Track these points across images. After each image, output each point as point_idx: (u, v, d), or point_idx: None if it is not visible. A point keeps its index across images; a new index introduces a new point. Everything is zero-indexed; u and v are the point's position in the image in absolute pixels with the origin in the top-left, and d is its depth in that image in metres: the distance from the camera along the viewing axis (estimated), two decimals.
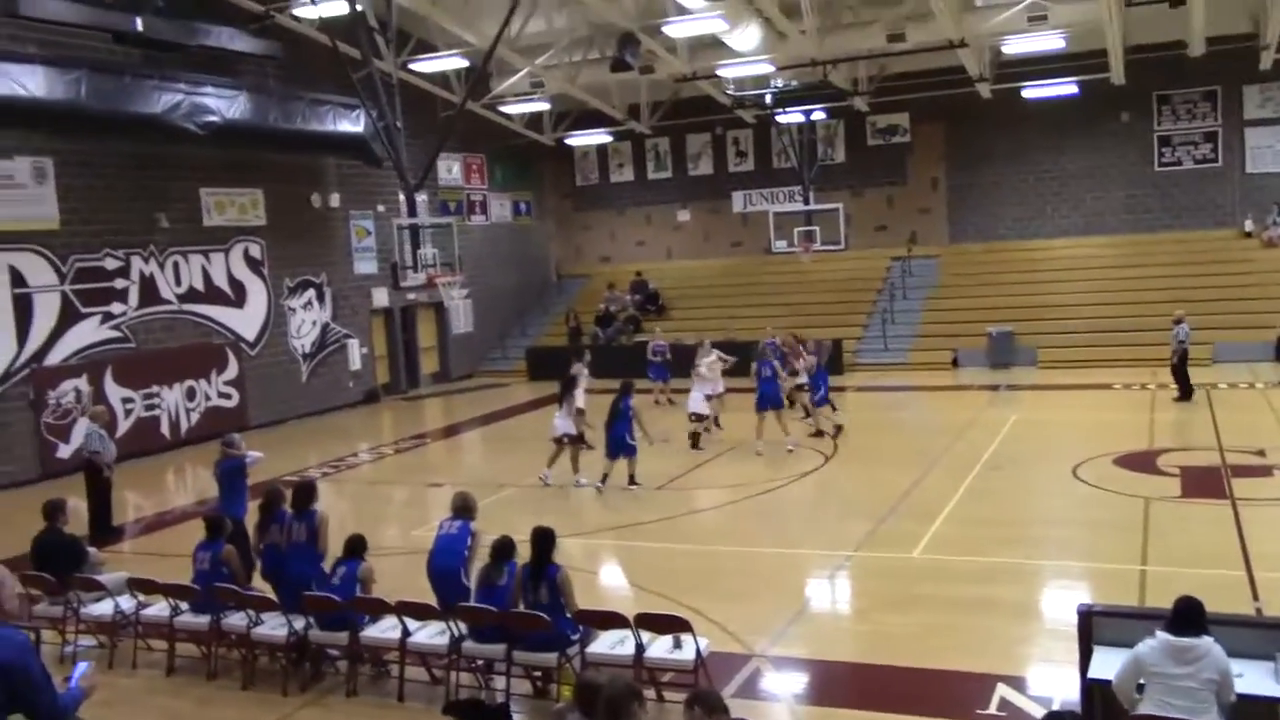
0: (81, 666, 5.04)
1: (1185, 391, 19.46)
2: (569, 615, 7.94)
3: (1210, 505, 12.57)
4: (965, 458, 15.80)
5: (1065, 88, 26.50)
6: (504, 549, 8.29)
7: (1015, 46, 24.57)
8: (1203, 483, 13.59)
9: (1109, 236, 28.21)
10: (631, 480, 14.89)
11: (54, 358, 18.74)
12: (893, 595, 10.23)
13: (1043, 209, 29.13)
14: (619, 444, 14.82)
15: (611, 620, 7.91)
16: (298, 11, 20.99)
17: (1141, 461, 14.97)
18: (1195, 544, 11.11)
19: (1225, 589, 9.28)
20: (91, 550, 10.64)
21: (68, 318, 19.01)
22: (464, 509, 9.23)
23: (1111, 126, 28.11)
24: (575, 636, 7.95)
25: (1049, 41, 23.34)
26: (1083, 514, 12.74)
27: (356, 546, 8.94)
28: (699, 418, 17.55)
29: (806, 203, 28.76)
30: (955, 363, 25.60)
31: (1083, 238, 28.51)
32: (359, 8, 20.44)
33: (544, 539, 8.13)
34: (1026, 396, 21.75)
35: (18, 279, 18.17)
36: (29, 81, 16.48)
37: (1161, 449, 15.80)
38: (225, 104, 19.75)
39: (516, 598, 8.02)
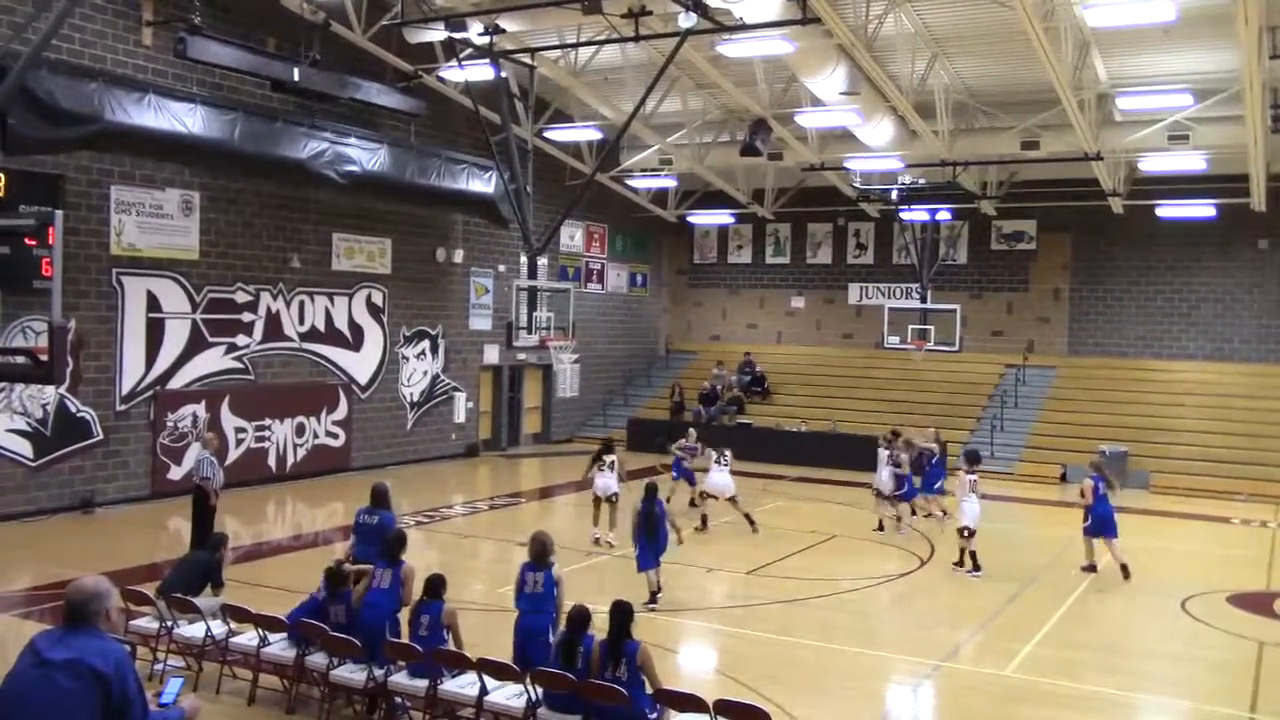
0: (174, 683, 5.10)
1: None
2: (649, 693, 7.86)
3: None
4: (1068, 577, 15.25)
5: (1202, 209, 25.88)
6: (581, 620, 8.22)
7: (1153, 164, 24.17)
8: None
9: (1237, 364, 27.25)
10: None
11: (177, 382, 19.45)
12: (979, 712, 9.88)
13: (1168, 329, 28.33)
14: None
15: (690, 703, 7.79)
16: (444, 73, 21.79)
17: (1258, 603, 14.23)
18: None
19: None
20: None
21: (195, 345, 19.74)
22: (542, 554, 9.26)
23: (1248, 253, 27.30)
24: (654, 716, 7.85)
25: (1189, 162, 22.91)
26: (1189, 650, 12.17)
27: (438, 587, 9.02)
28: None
29: (924, 301, 28.49)
30: (1063, 478, 24.82)
31: (1208, 362, 27.59)
32: (504, 75, 21.12)
33: (622, 613, 8.09)
34: (1137, 521, 20.86)
35: (153, 304, 18.98)
36: (188, 119, 17.43)
37: None
38: (367, 155, 20.58)
39: (594, 670, 7.97)
